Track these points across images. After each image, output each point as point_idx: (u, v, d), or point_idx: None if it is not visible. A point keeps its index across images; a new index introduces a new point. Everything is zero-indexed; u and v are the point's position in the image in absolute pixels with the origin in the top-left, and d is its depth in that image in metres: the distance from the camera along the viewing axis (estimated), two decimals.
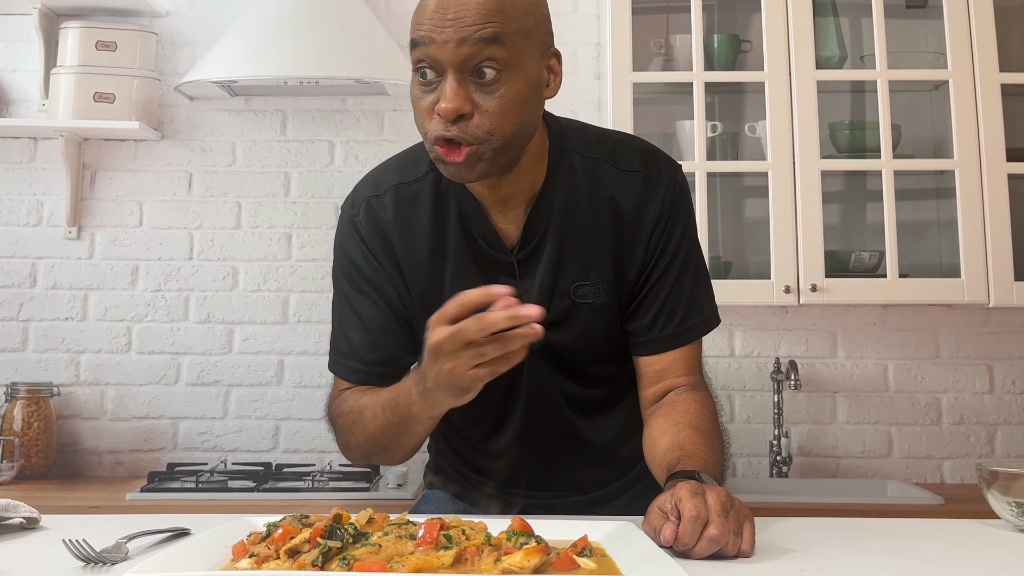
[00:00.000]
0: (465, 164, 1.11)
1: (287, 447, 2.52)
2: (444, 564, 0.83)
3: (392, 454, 1.21)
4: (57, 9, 2.56)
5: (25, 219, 2.56)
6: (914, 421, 2.51)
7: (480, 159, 1.12)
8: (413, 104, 1.16)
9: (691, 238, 1.28)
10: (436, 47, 1.09)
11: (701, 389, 1.26)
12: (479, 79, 1.10)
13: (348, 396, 1.25)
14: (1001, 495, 1.11)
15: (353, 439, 1.23)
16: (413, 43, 1.12)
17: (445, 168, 1.13)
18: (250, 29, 2.35)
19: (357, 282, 1.27)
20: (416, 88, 1.14)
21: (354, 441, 1.23)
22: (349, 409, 1.23)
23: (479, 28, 1.09)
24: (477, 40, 1.09)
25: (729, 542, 0.93)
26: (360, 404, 1.21)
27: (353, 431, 1.22)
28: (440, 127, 1.10)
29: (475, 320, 0.97)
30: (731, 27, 2.53)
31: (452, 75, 1.09)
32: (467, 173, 1.13)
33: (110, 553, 0.91)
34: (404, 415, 1.12)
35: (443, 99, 1.09)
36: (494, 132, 1.11)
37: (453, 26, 1.08)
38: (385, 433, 1.17)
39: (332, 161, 2.59)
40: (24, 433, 2.34)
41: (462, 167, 1.12)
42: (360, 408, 1.20)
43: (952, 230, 2.35)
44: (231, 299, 2.56)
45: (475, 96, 1.10)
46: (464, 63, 1.09)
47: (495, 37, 1.09)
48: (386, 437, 1.17)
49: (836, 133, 2.44)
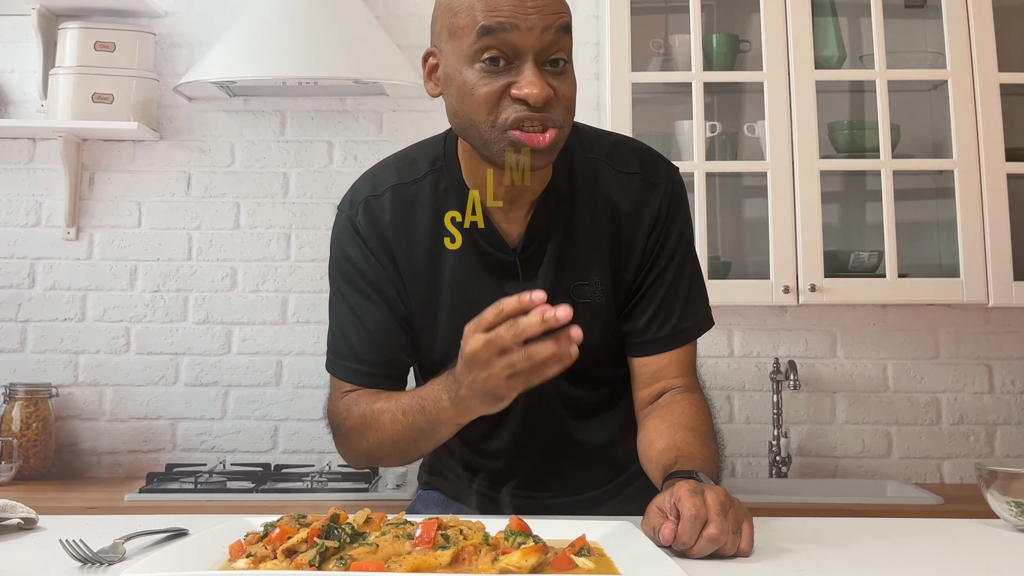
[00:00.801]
0: (548, 149, 1.11)
1: (286, 448, 2.52)
2: (441, 564, 0.83)
3: (406, 457, 1.21)
4: (55, 10, 2.56)
5: (24, 220, 2.56)
6: (913, 421, 2.51)
7: (556, 144, 1.13)
8: (469, 94, 1.11)
9: (687, 240, 1.28)
10: (519, 34, 1.09)
11: (696, 391, 1.26)
12: (553, 67, 1.11)
13: (358, 400, 1.24)
14: (1000, 495, 1.11)
15: (364, 443, 1.21)
16: (485, 29, 1.09)
17: (519, 156, 1.11)
18: (249, 29, 2.35)
19: (356, 282, 1.26)
20: (476, 76, 1.11)
21: (365, 445, 1.22)
22: (360, 413, 1.21)
23: (558, 16, 1.11)
24: (558, 28, 1.10)
25: (728, 541, 0.93)
26: (375, 409, 1.19)
27: (366, 435, 1.21)
28: (521, 111, 1.09)
29: (508, 327, 0.97)
30: (730, 27, 2.53)
31: (532, 62, 1.10)
32: (543, 159, 1.12)
33: (107, 553, 0.91)
34: (432, 420, 1.12)
35: (527, 84, 1.08)
36: (567, 119, 1.13)
37: (537, 13, 1.09)
38: (405, 438, 1.16)
39: (331, 161, 2.59)
40: (23, 434, 2.34)
41: (544, 152, 1.11)
42: (376, 412, 1.19)
43: (951, 230, 2.35)
44: (230, 299, 2.55)
45: (551, 82, 1.11)
46: (545, 50, 1.10)
47: (568, 26, 1.12)
48: (405, 441, 1.17)
49: (835, 133, 2.44)
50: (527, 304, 0.96)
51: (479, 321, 0.99)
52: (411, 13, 2.59)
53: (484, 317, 0.99)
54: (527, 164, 1.12)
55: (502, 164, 1.13)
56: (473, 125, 1.13)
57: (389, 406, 1.18)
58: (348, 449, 1.25)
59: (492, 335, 0.97)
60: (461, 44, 1.12)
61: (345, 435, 1.25)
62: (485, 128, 1.12)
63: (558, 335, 0.96)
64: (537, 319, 0.95)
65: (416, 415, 1.13)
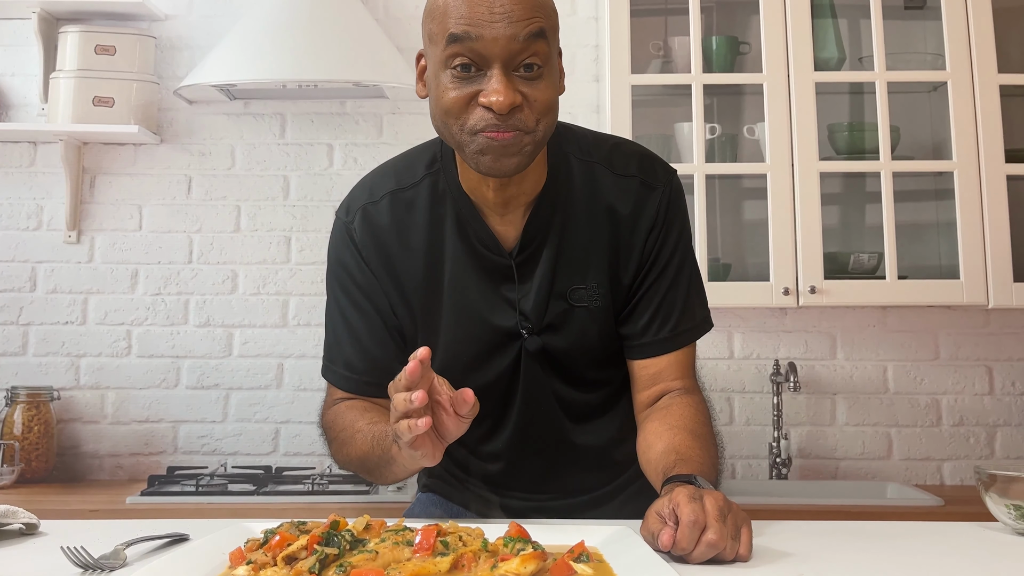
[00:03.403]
0: (512, 144, 1.10)
1: (287, 450, 2.52)
2: (441, 570, 0.83)
3: (380, 480, 1.21)
4: (56, 13, 2.56)
5: (25, 223, 2.56)
6: (914, 423, 2.51)
7: (524, 145, 1.12)
8: (439, 97, 1.12)
9: (686, 243, 1.28)
10: (484, 42, 1.08)
11: (695, 393, 1.26)
12: (526, 73, 1.10)
13: (344, 412, 1.25)
14: (999, 498, 1.11)
15: (342, 456, 1.24)
16: (452, 37, 1.09)
17: (487, 160, 1.11)
18: (249, 33, 2.35)
19: (350, 291, 1.27)
20: (447, 81, 1.11)
21: (342, 459, 1.24)
22: (342, 427, 1.23)
23: (528, 23, 1.09)
24: (527, 35, 1.09)
25: (727, 547, 0.93)
26: (355, 427, 1.20)
27: (343, 449, 1.23)
28: (487, 119, 1.09)
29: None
30: (729, 29, 2.54)
31: (500, 69, 1.09)
32: (509, 160, 1.11)
33: (108, 560, 0.91)
34: (388, 456, 1.11)
35: (493, 92, 1.08)
36: (539, 125, 1.12)
37: (503, 21, 1.08)
38: (370, 463, 1.17)
39: (331, 164, 2.60)
40: (24, 437, 2.34)
41: (513, 155, 1.11)
42: (354, 431, 1.20)
43: (951, 231, 2.35)
44: (231, 302, 2.56)
45: (522, 89, 1.10)
46: (513, 58, 1.09)
47: (541, 32, 1.10)
48: (371, 466, 1.18)
49: (835, 135, 2.44)
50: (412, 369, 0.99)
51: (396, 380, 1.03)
52: (411, 16, 2.59)
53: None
54: (492, 169, 1.12)
55: (475, 166, 1.14)
56: (446, 128, 1.14)
57: (365, 428, 1.18)
58: (335, 456, 1.27)
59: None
60: (436, 49, 1.12)
61: (330, 443, 1.27)
62: (456, 131, 1.13)
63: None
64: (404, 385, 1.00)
65: (379, 445, 1.13)
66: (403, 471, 1.14)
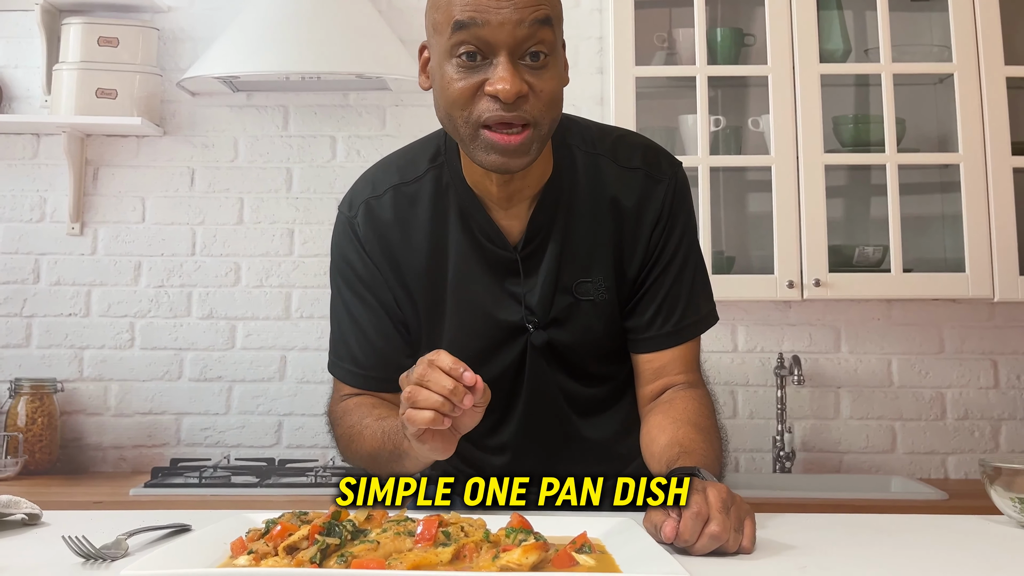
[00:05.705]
0: (521, 147, 1.09)
1: (290, 443, 2.52)
2: (442, 561, 0.83)
3: (392, 475, 1.21)
4: (59, 5, 2.56)
5: (28, 215, 2.56)
6: (918, 416, 2.51)
7: (532, 144, 1.10)
8: (444, 88, 1.11)
9: (691, 236, 1.27)
10: (490, 29, 1.06)
11: (699, 386, 1.26)
12: (532, 62, 1.09)
13: (351, 409, 1.25)
14: (1004, 491, 1.11)
15: (352, 453, 1.23)
16: (458, 24, 1.07)
17: (493, 157, 1.10)
18: (252, 24, 2.35)
19: (354, 286, 1.26)
20: (452, 71, 1.10)
21: (352, 455, 1.24)
22: (350, 424, 1.23)
23: (534, 9, 1.07)
24: (533, 22, 1.07)
25: (730, 539, 0.92)
26: (362, 423, 1.20)
27: (351, 446, 1.22)
28: (494, 108, 1.08)
29: (426, 366, 1.01)
30: (734, 21, 2.52)
31: (506, 57, 1.07)
32: (518, 160, 1.10)
33: (110, 549, 0.91)
34: (399, 450, 1.11)
35: (499, 80, 1.06)
36: (545, 116, 1.10)
37: (510, 7, 1.06)
38: (380, 459, 1.17)
39: (334, 156, 2.59)
40: (28, 429, 2.35)
41: (519, 149, 1.09)
42: (361, 427, 1.20)
43: (957, 224, 2.34)
44: (234, 295, 2.56)
45: (528, 78, 1.09)
46: (519, 45, 1.08)
47: (547, 19, 1.09)
48: (381, 462, 1.17)
49: (840, 127, 2.43)
50: (456, 375, 0.98)
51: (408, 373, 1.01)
52: (414, 7, 2.58)
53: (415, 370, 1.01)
54: (497, 165, 1.11)
55: (480, 163, 1.13)
56: (451, 120, 1.13)
57: (374, 424, 1.18)
58: (343, 454, 1.27)
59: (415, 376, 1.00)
60: (441, 39, 1.11)
61: (338, 440, 1.27)
62: (461, 123, 1.11)
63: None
64: (450, 382, 0.97)
65: (390, 440, 1.12)
66: (415, 465, 1.13)
